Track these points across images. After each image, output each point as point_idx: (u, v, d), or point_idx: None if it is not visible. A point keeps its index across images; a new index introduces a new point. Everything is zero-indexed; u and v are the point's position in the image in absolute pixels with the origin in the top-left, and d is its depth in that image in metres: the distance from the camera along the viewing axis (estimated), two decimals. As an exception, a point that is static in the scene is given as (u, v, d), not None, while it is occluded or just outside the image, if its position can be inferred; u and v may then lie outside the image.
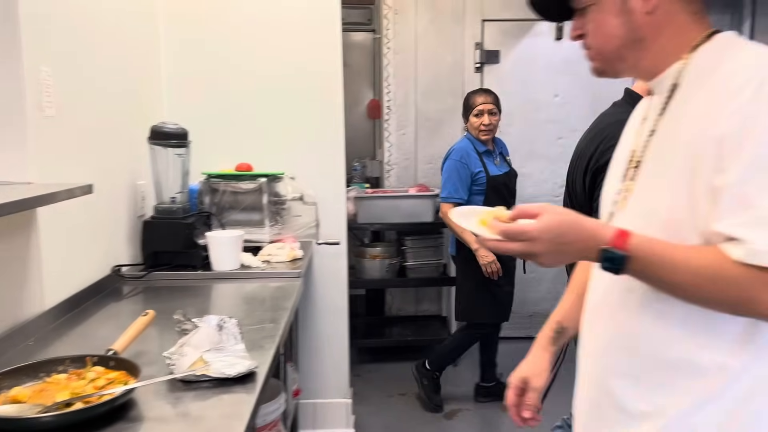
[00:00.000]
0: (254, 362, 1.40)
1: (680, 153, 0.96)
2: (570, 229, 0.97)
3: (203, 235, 2.34)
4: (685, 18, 1.01)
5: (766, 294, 0.86)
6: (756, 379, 0.94)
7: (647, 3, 1.00)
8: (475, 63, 4.24)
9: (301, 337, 3.01)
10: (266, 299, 2.14)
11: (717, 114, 0.91)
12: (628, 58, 1.06)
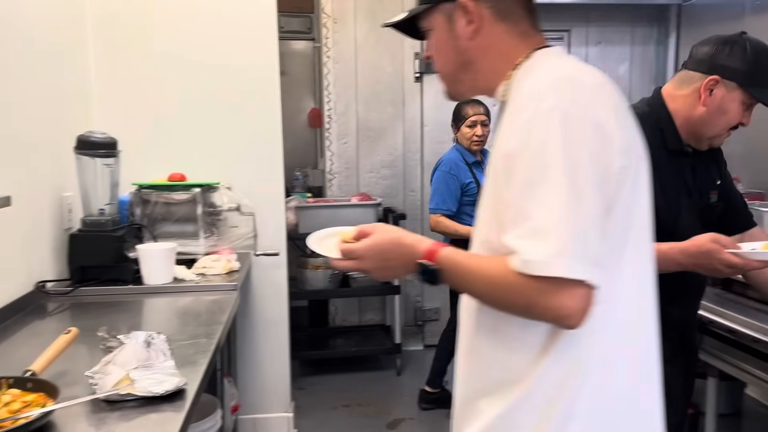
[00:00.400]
0: (183, 379, 1.34)
1: (490, 172, 1.03)
2: (392, 246, 1.06)
3: (134, 248, 2.25)
4: (511, 39, 1.06)
5: (543, 300, 0.90)
6: (559, 380, 0.98)
7: (468, 28, 1.06)
8: (415, 72, 4.27)
9: (240, 351, 2.94)
10: (201, 313, 2.07)
11: (509, 131, 0.97)
12: (464, 80, 1.12)
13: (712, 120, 1.62)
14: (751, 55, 1.58)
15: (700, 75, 1.62)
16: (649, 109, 1.69)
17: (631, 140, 0.99)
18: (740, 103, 1.60)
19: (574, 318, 0.91)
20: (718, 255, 1.46)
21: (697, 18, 4.00)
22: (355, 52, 4.22)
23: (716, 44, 1.62)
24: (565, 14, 4.33)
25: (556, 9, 4.27)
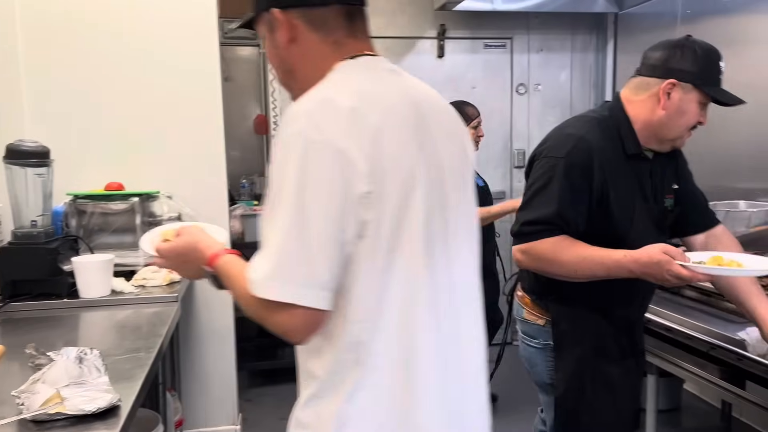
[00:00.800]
0: (117, 395, 1.30)
1: None
2: (187, 250, 1.14)
3: (69, 260, 2.17)
4: (324, 48, 1.08)
5: (268, 316, 0.96)
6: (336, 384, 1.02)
7: (283, 37, 1.08)
8: (361, 79, 4.27)
9: (185, 363, 2.87)
10: (141, 326, 2.01)
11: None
12: (291, 85, 1.14)
13: (672, 122, 1.68)
14: (701, 56, 1.66)
15: (656, 80, 1.67)
16: (609, 114, 1.74)
17: (391, 164, 0.98)
18: (697, 103, 1.67)
19: (295, 336, 0.98)
20: (667, 266, 1.50)
21: (632, 26, 4.14)
22: (300, 58, 4.19)
23: (667, 49, 1.68)
24: (507, 22, 4.41)
25: (499, 17, 4.35)
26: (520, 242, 1.68)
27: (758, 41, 3.05)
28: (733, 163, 3.20)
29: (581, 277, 1.64)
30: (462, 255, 1.12)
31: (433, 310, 1.05)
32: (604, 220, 1.67)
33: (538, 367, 1.90)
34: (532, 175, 1.75)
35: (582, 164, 1.65)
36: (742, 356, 1.92)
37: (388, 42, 4.30)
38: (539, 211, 1.65)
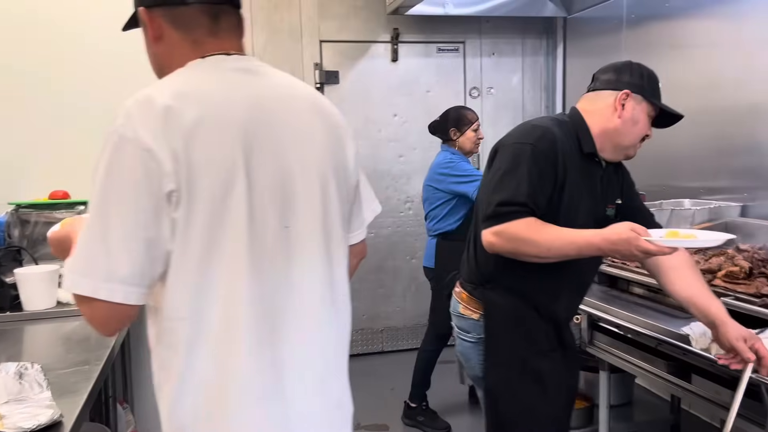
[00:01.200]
0: (58, 411, 1.26)
1: None
2: (62, 240, 1.18)
3: (11, 272, 2.10)
4: (184, 46, 1.12)
5: (81, 309, 1.02)
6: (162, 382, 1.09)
7: (151, 35, 1.14)
8: (316, 83, 4.26)
9: (137, 374, 2.80)
10: (89, 337, 1.96)
11: None
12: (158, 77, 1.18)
13: (626, 130, 1.80)
14: (646, 75, 1.83)
15: (610, 92, 1.81)
16: (569, 119, 1.86)
17: (204, 163, 1.00)
18: (647, 114, 1.81)
19: (100, 328, 1.05)
20: (635, 242, 1.57)
21: (580, 30, 4.23)
22: (253, 62, 4.15)
23: (617, 69, 1.84)
24: (460, 26, 4.46)
25: (451, 21, 4.39)
26: (494, 223, 1.69)
27: (698, 44, 3.16)
28: (678, 163, 3.30)
29: (553, 257, 1.68)
30: (308, 257, 1.12)
31: (258, 310, 1.07)
32: (555, 209, 1.74)
33: (472, 361, 1.94)
34: (497, 160, 1.78)
35: (548, 152, 1.72)
36: (687, 351, 1.98)
37: (342, 46, 4.30)
38: (511, 192, 1.69)
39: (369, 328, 4.55)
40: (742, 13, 2.89)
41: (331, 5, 4.25)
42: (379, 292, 4.55)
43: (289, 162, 1.10)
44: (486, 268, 1.84)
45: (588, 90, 1.90)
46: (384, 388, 3.95)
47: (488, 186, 1.77)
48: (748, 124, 2.89)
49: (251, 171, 1.05)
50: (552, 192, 1.73)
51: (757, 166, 2.85)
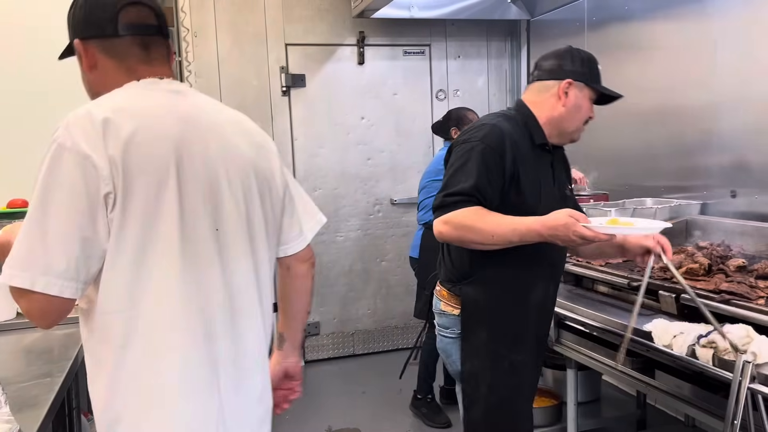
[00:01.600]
0: (17, 426, 1.23)
1: None
2: (1, 249, 1.22)
3: (-31, 283, 2.04)
4: (118, 73, 1.23)
5: (19, 304, 1.10)
6: (95, 372, 1.18)
7: (86, 64, 1.26)
8: (282, 87, 4.24)
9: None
10: (51, 349, 1.92)
11: None
12: None
13: (571, 116, 1.91)
14: (586, 60, 1.93)
15: (554, 82, 1.90)
16: (516, 113, 1.96)
17: (138, 170, 1.11)
18: (589, 99, 1.92)
19: (37, 320, 1.13)
20: (573, 228, 1.64)
21: (544, 32, 4.30)
22: (217, 66, 4.11)
23: (558, 56, 1.93)
24: (425, 29, 4.48)
25: (417, 24, 4.42)
26: (443, 213, 1.78)
27: (657, 46, 3.23)
28: (639, 163, 3.37)
29: (497, 243, 1.75)
30: (236, 258, 1.24)
31: (191, 307, 1.17)
32: (517, 197, 1.83)
33: (453, 356, 1.98)
34: (451, 159, 1.88)
35: (496, 146, 1.81)
36: (650, 347, 2.02)
37: (309, 49, 4.29)
38: (459, 185, 1.78)
39: (340, 331, 4.55)
40: (700, 15, 2.97)
41: (296, 8, 4.23)
42: (349, 296, 4.54)
43: (216, 173, 1.21)
44: (461, 264, 1.91)
45: (532, 79, 1.99)
46: (355, 392, 3.94)
47: (443, 182, 1.86)
48: (706, 123, 2.96)
49: (182, 178, 1.15)
50: (504, 184, 1.81)
51: (715, 165, 2.93)
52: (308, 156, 4.37)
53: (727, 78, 2.84)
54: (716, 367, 1.76)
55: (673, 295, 2.09)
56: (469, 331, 1.91)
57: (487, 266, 1.85)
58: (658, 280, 2.22)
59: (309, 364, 4.45)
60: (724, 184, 2.89)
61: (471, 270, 1.89)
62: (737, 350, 1.70)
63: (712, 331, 1.83)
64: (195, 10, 4.04)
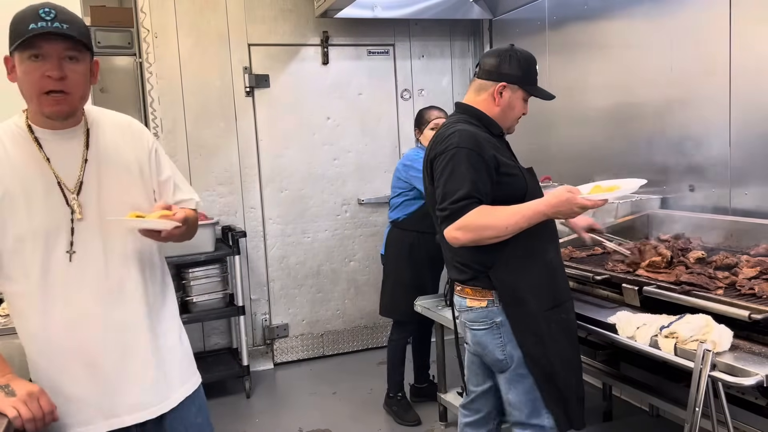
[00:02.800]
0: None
1: None
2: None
3: None
4: None
5: None
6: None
7: (95, 79, 1.54)
8: (246, 87, 4.20)
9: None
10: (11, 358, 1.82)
11: None
12: (79, 108, 1.53)
13: (505, 115, 2.12)
14: (523, 63, 2.10)
15: (491, 83, 2.09)
16: (465, 114, 2.12)
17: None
18: (521, 99, 2.12)
19: None
20: (574, 201, 1.89)
21: (506, 31, 4.34)
22: (179, 67, 4.05)
23: (498, 57, 2.10)
24: (389, 29, 4.49)
25: (380, 24, 4.42)
26: (453, 220, 1.92)
27: (616, 44, 3.30)
28: (599, 159, 3.43)
29: (511, 233, 1.92)
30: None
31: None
32: (509, 183, 1.99)
33: (489, 346, 2.07)
34: (436, 171, 2.02)
35: (473, 146, 1.96)
36: (614, 339, 2.06)
37: (272, 49, 4.26)
38: (457, 192, 1.92)
39: (309, 333, 4.53)
40: (657, 14, 3.04)
41: (258, 8, 4.20)
42: (318, 297, 4.52)
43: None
44: (477, 259, 2.02)
45: (474, 76, 2.17)
46: (326, 392, 3.93)
47: (438, 194, 1.98)
48: (664, 120, 3.04)
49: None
50: (491, 175, 1.95)
51: (673, 161, 3.00)
52: (273, 157, 4.34)
53: (683, 75, 2.91)
54: (678, 356, 1.81)
55: (636, 287, 2.13)
56: (514, 311, 2.01)
57: (503, 249, 1.98)
58: (621, 273, 2.27)
59: (279, 366, 4.42)
60: (681, 178, 2.96)
61: (490, 259, 2.00)
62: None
63: (674, 321, 1.88)
64: (155, 10, 3.98)
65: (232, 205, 4.27)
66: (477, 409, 2.32)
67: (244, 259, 4.20)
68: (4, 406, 1.38)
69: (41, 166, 1.48)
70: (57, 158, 1.49)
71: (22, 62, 1.41)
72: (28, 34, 1.37)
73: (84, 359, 1.54)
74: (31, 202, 1.47)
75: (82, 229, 1.50)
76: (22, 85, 1.44)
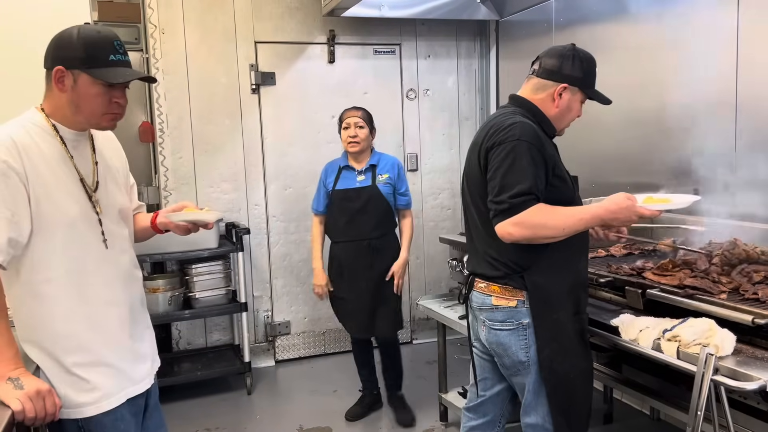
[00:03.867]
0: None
1: None
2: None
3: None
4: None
5: None
6: None
7: None
8: (252, 84, 4.21)
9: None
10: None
11: None
12: None
13: (562, 116, 2.09)
14: (585, 64, 2.07)
15: (552, 83, 2.05)
16: (522, 108, 2.07)
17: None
18: (579, 101, 2.10)
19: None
20: (634, 209, 1.88)
21: (512, 33, 4.34)
22: (186, 63, 4.06)
23: (560, 57, 2.06)
24: (395, 29, 4.49)
25: (387, 23, 4.43)
26: (510, 215, 1.87)
27: (624, 47, 3.29)
28: (606, 161, 3.43)
29: (565, 235, 1.89)
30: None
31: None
32: (559, 188, 1.96)
33: (512, 347, 2.03)
34: (493, 161, 1.95)
35: (534, 141, 1.92)
36: (617, 341, 2.06)
37: (279, 47, 4.27)
38: (517, 186, 1.87)
39: (311, 330, 4.53)
40: (665, 16, 3.04)
41: (265, 6, 4.20)
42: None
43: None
44: (515, 258, 1.98)
45: (532, 73, 2.11)
46: (327, 391, 3.94)
47: (493, 186, 1.92)
48: (672, 123, 3.03)
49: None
50: (547, 173, 1.93)
51: (679, 164, 2.99)
52: (278, 154, 4.35)
53: (689, 78, 2.91)
54: (680, 360, 1.81)
55: (639, 290, 2.13)
56: (543, 316, 1.98)
57: (541, 253, 1.95)
58: (624, 275, 2.27)
59: (280, 364, 4.43)
60: (687, 182, 2.95)
61: (527, 261, 1.97)
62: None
63: (677, 325, 1.88)
64: (162, 6, 3.99)
65: (236, 201, 4.28)
66: (484, 412, 2.29)
67: (247, 256, 4.21)
68: (9, 398, 1.38)
69: (67, 163, 1.61)
70: (77, 156, 1.63)
71: (94, 85, 1.56)
72: (112, 66, 1.56)
73: (118, 332, 1.69)
74: (64, 194, 1.58)
75: (104, 221, 1.67)
76: (80, 101, 1.57)
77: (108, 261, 1.67)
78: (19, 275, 1.56)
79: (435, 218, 4.76)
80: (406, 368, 3.62)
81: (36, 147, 1.56)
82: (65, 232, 1.58)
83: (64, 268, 1.59)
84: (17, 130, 1.56)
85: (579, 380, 2.02)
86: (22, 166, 1.51)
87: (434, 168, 4.71)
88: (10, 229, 1.48)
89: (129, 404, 1.68)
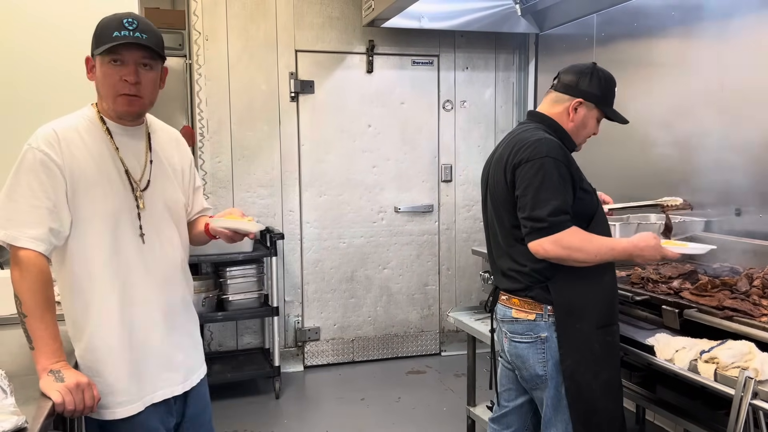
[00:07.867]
0: (23, 417, 1.24)
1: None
2: None
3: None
4: None
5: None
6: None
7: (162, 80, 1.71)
8: (291, 92, 4.27)
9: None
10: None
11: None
12: (147, 110, 1.72)
13: (578, 132, 2.11)
14: (603, 83, 2.09)
15: (568, 97, 2.09)
16: (542, 124, 2.09)
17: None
18: (595, 118, 2.12)
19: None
20: (659, 248, 1.98)
21: (552, 47, 4.32)
22: (227, 69, 4.14)
23: (578, 73, 2.09)
24: (434, 40, 4.51)
25: (426, 35, 4.45)
26: (549, 233, 1.88)
27: (665, 63, 3.25)
28: (643, 178, 3.37)
29: (596, 262, 1.93)
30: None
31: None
32: (584, 201, 1.98)
33: (530, 360, 2.03)
34: (522, 179, 1.96)
35: (560, 158, 1.94)
36: (652, 361, 2.02)
37: (319, 56, 4.32)
38: (550, 204, 1.89)
39: (340, 338, 4.55)
40: (709, 34, 2.99)
41: (307, 15, 4.27)
42: (350, 302, 4.55)
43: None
44: (539, 270, 1.99)
45: (551, 87, 2.15)
46: (354, 398, 3.94)
47: (524, 203, 1.92)
48: (712, 141, 2.97)
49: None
50: (575, 190, 1.95)
51: (719, 183, 2.93)
52: (314, 162, 4.39)
53: (733, 96, 2.85)
54: (718, 382, 1.77)
55: (676, 310, 2.09)
56: (566, 328, 1.98)
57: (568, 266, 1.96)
58: (661, 294, 2.23)
59: (308, 370, 4.46)
60: (726, 201, 2.89)
61: (551, 271, 1.97)
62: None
63: (715, 346, 1.84)
64: (207, 13, 4.08)
65: (271, 207, 4.33)
66: (508, 424, 2.29)
67: (280, 261, 4.26)
68: (50, 389, 1.42)
69: (112, 155, 1.63)
70: (124, 150, 1.65)
71: (103, 65, 1.56)
72: (112, 42, 1.52)
73: (143, 334, 1.67)
74: (105, 187, 1.61)
75: (144, 216, 1.66)
76: (99, 85, 1.60)
77: (144, 257, 1.66)
78: (63, 266, 1.61)
79: (468, 230, 4.74)
80: (434, 380, 3.60)
81: (80, 139, 1.59)
82: (101, 223, 1.59)
83: (101, 259, 1.60)
84: (64, 124, 1.61)
85: (601, 391, 2.00)
86: (61, 158, 1.54)
87: (468, 179, 4.70)
88: (52, 219, 1.52)
89: (155, 409, 1.67)
